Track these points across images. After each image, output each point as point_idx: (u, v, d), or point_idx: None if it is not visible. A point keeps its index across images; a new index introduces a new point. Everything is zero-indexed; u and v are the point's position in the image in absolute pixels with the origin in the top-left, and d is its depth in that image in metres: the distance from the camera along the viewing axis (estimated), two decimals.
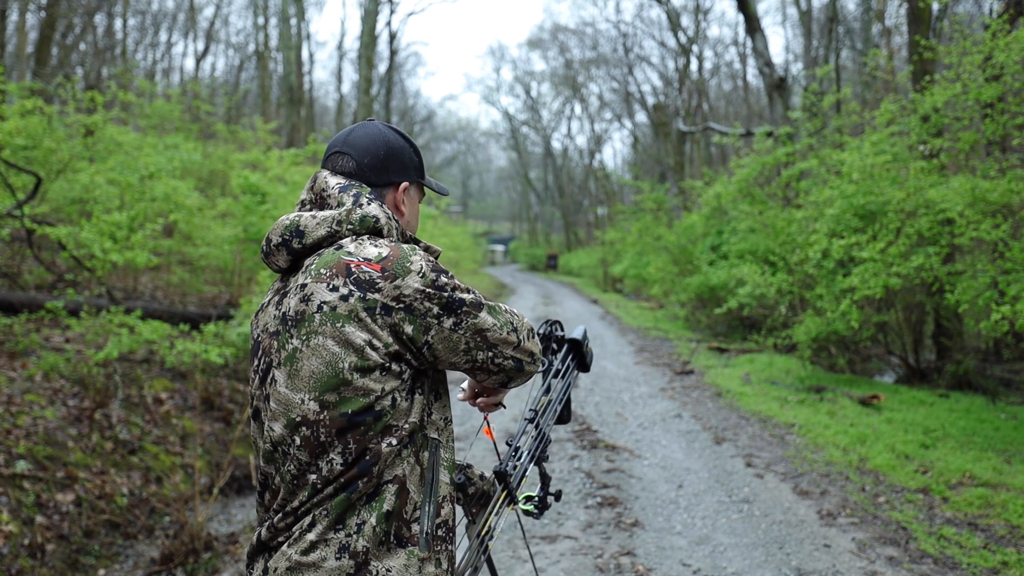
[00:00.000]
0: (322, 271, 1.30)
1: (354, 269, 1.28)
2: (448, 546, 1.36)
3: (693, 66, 26.15)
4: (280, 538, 1.30)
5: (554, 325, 1.79)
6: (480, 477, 1.63)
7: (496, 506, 1.57)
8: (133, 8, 21.87)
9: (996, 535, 4.01)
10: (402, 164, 1.49)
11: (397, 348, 1.27)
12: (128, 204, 7.06)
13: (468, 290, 1.35)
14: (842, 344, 8.97)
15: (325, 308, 1.27)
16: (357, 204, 1.37)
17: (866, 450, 5.54)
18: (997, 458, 5.26)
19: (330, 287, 1.28)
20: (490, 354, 1.38)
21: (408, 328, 1.28)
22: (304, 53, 23.87)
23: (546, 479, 1.72)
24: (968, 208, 6.14)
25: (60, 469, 4.34)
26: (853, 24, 21.77)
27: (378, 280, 1.27)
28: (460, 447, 5.49)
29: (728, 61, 33.29)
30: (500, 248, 53.67)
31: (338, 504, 1.26)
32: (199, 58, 24.93)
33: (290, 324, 1.31)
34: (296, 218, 1.38)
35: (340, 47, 36.28)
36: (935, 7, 9.57)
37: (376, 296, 1.26)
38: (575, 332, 1.82)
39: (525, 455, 1.66)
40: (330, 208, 1.40)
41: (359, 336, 1.25)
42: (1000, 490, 4.62)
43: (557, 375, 1.76)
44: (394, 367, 1.28)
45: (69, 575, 3.81)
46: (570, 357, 1.80)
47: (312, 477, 1.27)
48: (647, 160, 32.44)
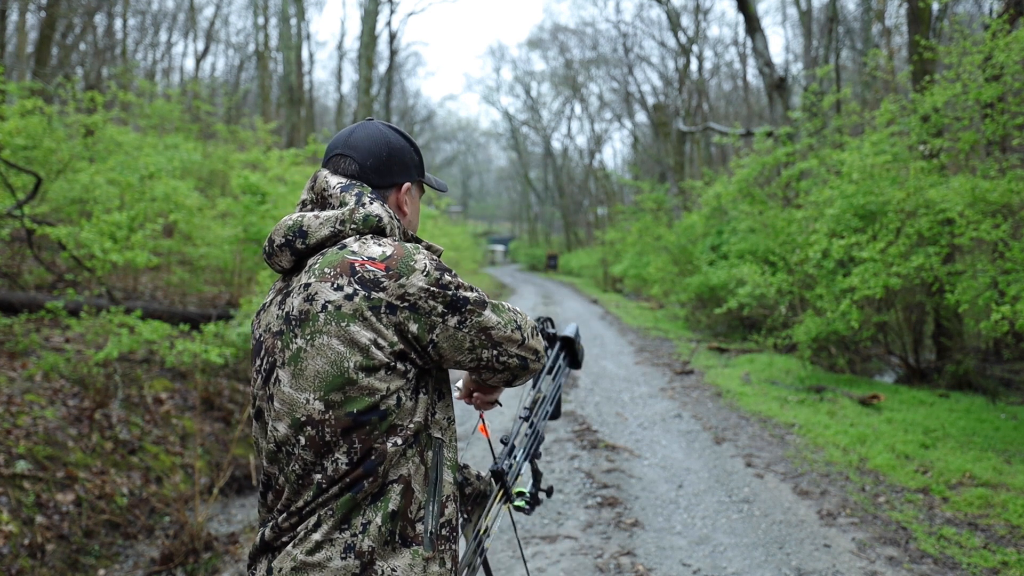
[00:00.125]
0: (326, 270, 1.30)
1: (358, 268, 1.28)
2: (452, 545, 1.36)
3: (693, 66, 26.17)
4: (284, 538, 1.30)
5: (545, 322, 1.79)
6: (477, 477, 1.64)
7: (492, 504, 1.58)
8: (133, 8, 21.88)
9: (996, 535, 4.01)
10: (404, 165, 1.48)
11: (402, 347, 1.27)
12: (128, 204, 7.06)
13: (472, 288, 1.35)
14: (842, 344, 8.97)
15: (330, 307, 1.27)
16: (360, 203, 1.37)
17: (866, 450, 5.54)
18: (997, 458, 5.26)
19: (335, 286, 1.27)
20: (495, 352, 1.38)
21: (413, 327, 1.28)
22: (304, 53, 23.88)
23: (537, 475, 1.74)
24: (968, 208, 6.14)
25: (60, 469, 4.34)
26: (853, 24, 21.78)
27: (383, 279, 1.27)
28: (459, 447, 5.49)
29: (728, 61, 33.34)
30: (500, 248, 53.66)
31: (343, 504, 1.25)
32: (199, 58, 24.94)
33: (294, 324, 1.30)
34: (299, 218, 1.37)
35: (340, 47, 36.32)
36: (935, 7, 9.57)
37: (381, 295, 1.26)
38: (567, 330, 1.83)
39: (520, 453, 1.67)
40: (332, 208, 1.39)
41: (364, 335, 1.25)
42: (1000, 490, 4.62)
43: (549, 372, 1.77)
44: (399, 366, 1.28)
45: (69, 575, 3.81)
46: (562, 355, 1.81)
47: (317, 477, 1.27)
48: (647, 160, 32.45)
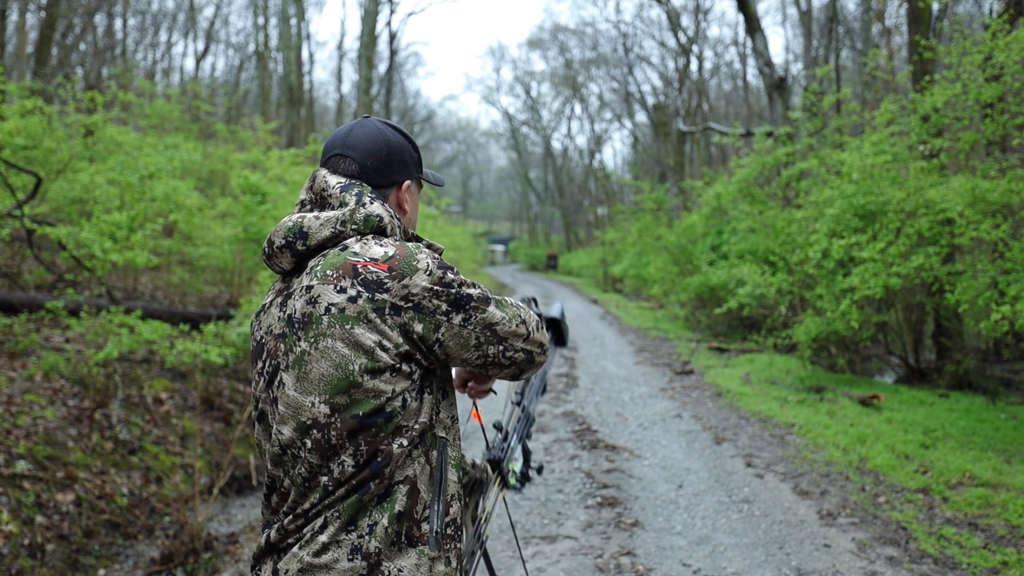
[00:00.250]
0: (328, 273, 1.29)
1: (361, 270, 1.27)
2: (457, 544, 1.36)
3: (693, 66, 26.17)
4: (290, 540, 1.29)
5: (530, 302, 1.82)
6: (472, 465, 1.64)
7: (489, 489, 1.61)
8: (133, 8, 21.88)
9: (996, 535, 4.01)
10: (403, 163, 1.47)
11: (407, 348, 1.27)
12: (128, 204, 7.06)
13: (474, 285, 1.35)
14: (842, 344, 8.97)
15: (333, 310, 1.26)
16: (360, 204, 1.36)
17: (866, 450, 5.54)
18: (997, 458, 5.26)
19: (337, 289, 1.27)
20: (501, 348, 1.37)
21: (418, 327, 1.27)
22: (304, 53, 23.88)
23: (527, 454, 1.77)
24: (968, 208, 6.14)
25: (60, 469, 4.34)
26: (853, 24, 21.79)
27: (386, 280, 1.26)
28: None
29: (728, 61, 33.34)
30: (500, 248, 53.65)
31: (350, 506, 1.25)
32: (199, 58, 24.95)
33: (297, 327, 1.29)
34: (299, 219, 1.36)
35: (340, 47, 36.31)
36: (935, 7, 9.57)
37: (385, 296, 1.26)
38: (553, 311, 1.87)
39: (514, 437, 1.69)
40: (331, 208, 1.38)
41: (369, 338, 1.24)
42: (1000, 490, 4.62)
43: None
44: (404, 367, 1.27)
45: (69, 575, 3.81)
46: (550, 333, 1.85)
47: (324, 479, 1.27)
48: (647, 160, 32.45)
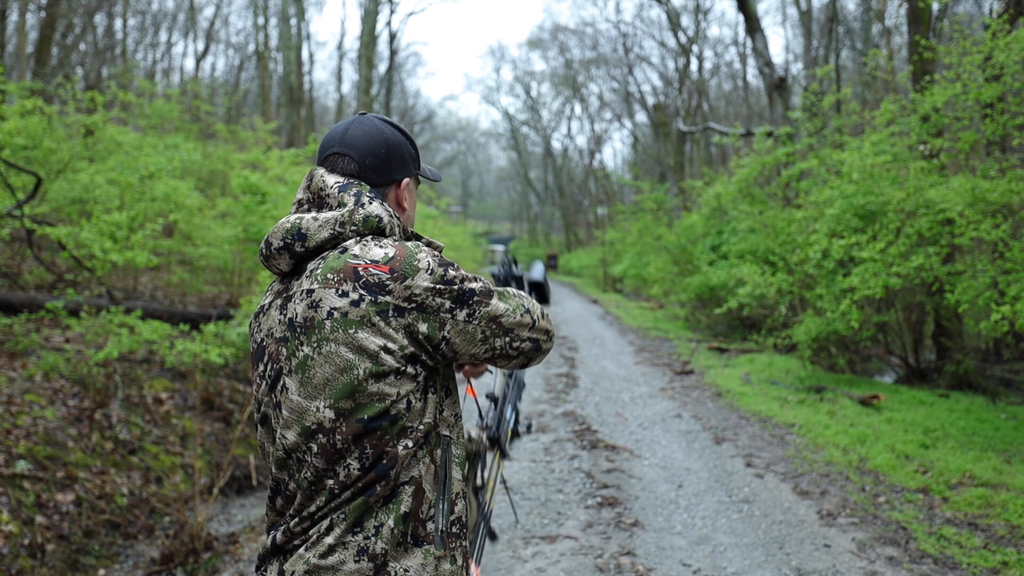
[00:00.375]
0: (329, 276, 1.28)
1: (362, 273, 1.26)
2: (462, 542, 1.36)
3: (693, 66, 26.18)
4: (296, 541, 1.29)
5: (512, 265, 1.83)
6: (468, 439, 1.65)
7: (493, 466, 1.68)
8: (133, 8, 21.87)
9: (996, 535, 4.01)
10: (402, 160, 1.46)
11: (413, 350, 1.26)
12: (128, 204, 7.06)
13: (476, 279, 1.34)
14: (842, 344, 8.97)
15: (336, 314, 1.25)
16: (359, 204, 1.34)
17: (866, 450, 5.54)
18: (997, 458, 5.26)
19: (339, 292, 1.26)
20: (507, 339, 1.37)
21: (423, 327, 1.27)
22: (304, 53, 23.88)
23: (516, 413, 1.84)
24: (968, 208, 6.14)
25: (60, 469, 4.34)
26: (853, 24, 21.79)
27: (388, 282, 1.25)
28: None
29: (728, 61, 33.35)
30: (500, 248, 53.52)
31: (356, 508, 1.25)
32: (199, 58, 24.93)
33: (299, 331, 1.28)
34: (297, 220, 1.34)
35: (340, 47, 36.26)
36: (935, 7, 9.56)
37: (387, 298, 1.25)
38: (535, 273, 1.89)
39: (508, 408, 1.74)
40: (329, 208, 1.36)
41: (373, 342, 1.24)
42: (1000, 490, 4.62)
43: None
44: (409, 369, 1.26)
45: (69, 575, 3.81)
46: (534, 296, 1.88)
47: (329, 482, 1.27)
48: (647, 160, 32.45)
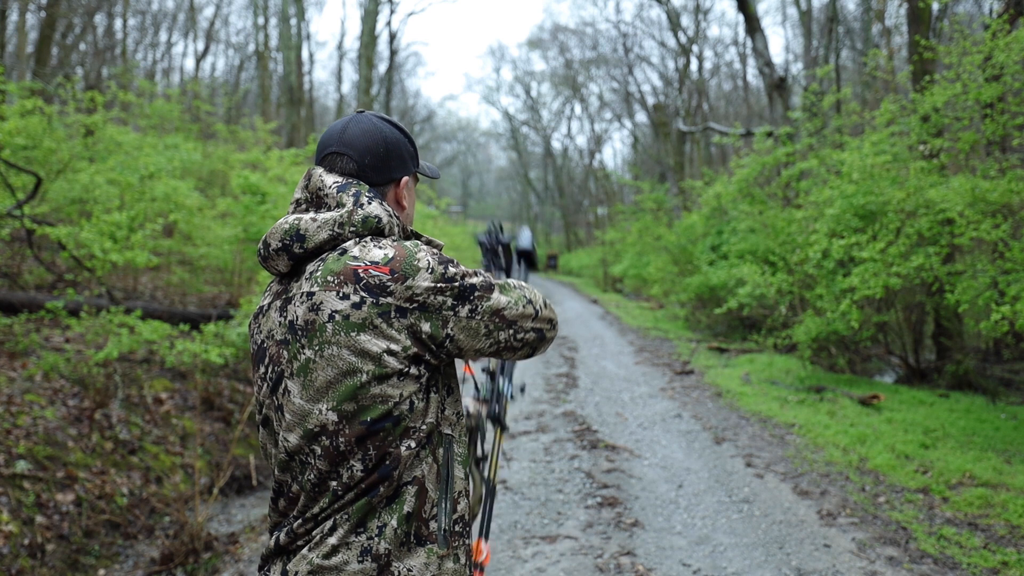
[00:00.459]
0: (329, 279, 1.27)
1: (362, 274, 1.25)
2: (465, 540, 1.36)
3: (693, 66, 26.17)
4: (299, 542, 1.29)
5: (499, 232, 1.82)
6: (467, 415, 1.66)
7: (495, 443, 1.73)
8: (133, 8, 21.87)
9: (996, 535, 4.01)
10: (401, 158, 1.45)
11: (416, 350, 1.26)
12: (128, 204, 7.06)
13: (476, 274, 1.34)
14: (842, 344, 8.96)
15: (337, 317, 1.24)
16: (358, 204, 1.33)
17: (866, 450, 5.54)
18: (997, 458, 5.26)
19: (340, 295, 1.25)
20: (511, 331, 1.36)
21: (426, 326, 1.26)
22: (304, 53, 23.87)
23: (511, 382, 1.89)
24: (968, 208, 6.14)
25: (60, 469, 4.34)
26: (853, 24, 21.79)
27: (388, 283, 1.25)
28: None
29: (728, 61, 33.33)
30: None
31: (359, 508, 1.25)
32: (199, 58, 24.92)
33: (300, 334, 1.28)
34: (295, 221, 1.33)
35: (340, 47, 36.23)
36: (935, 7, 9.57)
37: (389, 300, 1.24)
38: (523, 241, 1.90)
39: (504, 380, 1.78)
40: (328, 208, 1.35)
41: (376, 344, 1.23)
42: (1000, 490, 4.62)
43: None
44: (412, 370, 1.26)
45: (69, 575, 3.81)
46: (523, 264, 1.90)
47: (333, 484, 1.27)
48: (647, 160, 32.45)
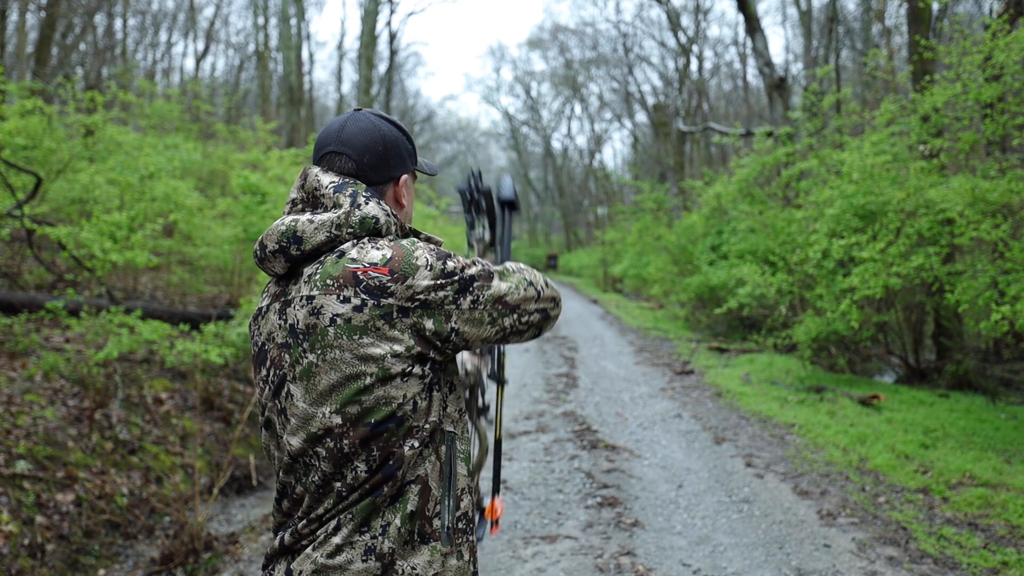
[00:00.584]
0: (328, 282, 1.26)
1: (362, 277, 1.25)
2: (468, 537, 1.36)
3: (693, 66, 26.17)
4: (304, 542, 1.30)
5: (478, 179, 1.80)
6: (465, 373, 1.66)
7: (497, 403, 1.79)
8: (133, 8, 21.87)
9: (996, 535, 4.01)
10: (400, 157, 1.43)
11: (420, 349, 1.26)
12: (128, 204, 7.07)
13: (474, 263, 1.33)
14: (842, 344, 8.96)
15: (339, 321, 1.24)
16: (355, 205, 1.32)
17: (866, 450, 5.54)
18: (997, 458, 5.26)
19: (340, 299, 1.24)
20: (515, 316, 1.36)
21: (429, 323, 1.26)
22: (304, 53, 23.87)
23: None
24: (968, 208, 6.14)
25: (60, 469, 4.34)
26: (853, 24, 21.79)
27: (388, 284, 1.24)
28: None
29: (728, 61, 33.34)
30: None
31: (363, 508, 1.25)
32: (199, 58, 24.92)
33: (301, 338, 1.27)
34: (292, 223, 1.31)
35: (340, 47, 36.22)
36: (935, 7, 9.57)
37: (390, 300, 1.24)
38: (505, 190, 1.86)
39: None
40: (324, 208, 1.34)
41: (379, 347, 1.23)
42: (1000, 490, 4.62)
43: (497, 236, 1.84)
44: (416, 370, 1.26)
45: (69, 575, 3.81)
46: (507, 212, 1.86)
47: (337, 485, 1.27)
48: (647, 160, 32.45)
